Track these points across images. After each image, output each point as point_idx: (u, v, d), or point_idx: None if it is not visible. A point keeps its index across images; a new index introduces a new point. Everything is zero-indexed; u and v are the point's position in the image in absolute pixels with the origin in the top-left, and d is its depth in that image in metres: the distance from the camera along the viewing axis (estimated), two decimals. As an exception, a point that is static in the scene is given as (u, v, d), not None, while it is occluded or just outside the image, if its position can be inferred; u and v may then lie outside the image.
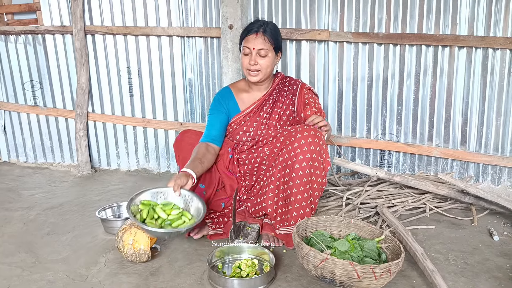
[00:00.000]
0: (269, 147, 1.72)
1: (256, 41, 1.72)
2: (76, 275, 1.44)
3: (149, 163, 2.87)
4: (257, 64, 1.73)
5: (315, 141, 1.57)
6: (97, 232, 1.81)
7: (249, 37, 1.74)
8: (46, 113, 2.95)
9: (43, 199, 2.29)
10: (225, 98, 1.87)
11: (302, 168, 1.57)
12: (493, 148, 2.32)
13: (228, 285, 1.31)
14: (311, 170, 1.58)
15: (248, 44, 1.73)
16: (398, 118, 2.44)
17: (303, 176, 1.57)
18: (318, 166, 1.59)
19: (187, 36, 2.60)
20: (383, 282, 1.28)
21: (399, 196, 2.10)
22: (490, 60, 2.22)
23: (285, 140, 1.63)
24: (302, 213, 1.60)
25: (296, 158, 1.57)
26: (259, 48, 1.72)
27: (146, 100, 2.77)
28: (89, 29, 2.70)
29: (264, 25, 1.74)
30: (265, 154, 1.74)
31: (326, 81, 2.49)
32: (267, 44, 1.72)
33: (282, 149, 1.63)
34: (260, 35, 1.72)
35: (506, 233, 1.83)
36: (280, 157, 1.63)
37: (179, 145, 1.80)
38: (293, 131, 1.62)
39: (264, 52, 1.72)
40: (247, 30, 1.77)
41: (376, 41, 2.33)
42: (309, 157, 1.56)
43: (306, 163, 1.56)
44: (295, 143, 1.58)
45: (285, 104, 1.82)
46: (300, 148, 1.57)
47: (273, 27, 1.78)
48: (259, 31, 1.72)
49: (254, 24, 1.76)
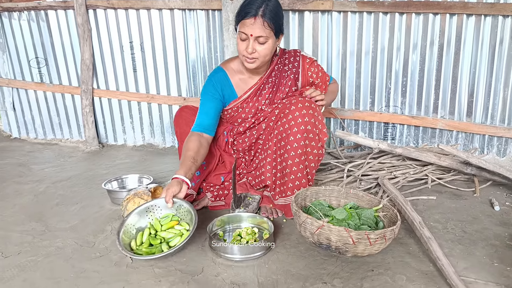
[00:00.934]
0: (266, 123, 1.72)
1: (254, 26, 1.50)
2: (84, 241, 1.51)
3: (155, 138, 2.91)
4: (255, 52, 1.55)
5: (309, 113, 1.54)
6: (104, 203, 1.87)
7: (246, 21, 1.50)
8: (52, 90, 2.99)
9: (52, 173, 2.36)
10: (220, 82, 1.71)
11: (297, 140, 1.56)
12: (500, 119, 2.28)
13: (228, 251, 1.36)
14: (306, 142, 1.57)
15: (244, 30, 1.52)
16: (403, 90, 2.40)
17: (298, 148, 1.57)
18: (313, 138, 1.58)
19: (188, 9, 2.56)
20: (378, 248, 1.31)
21: (401, 168, 2.10)
22: (500, 28, 2.14)
23: (280, 113, 1.62)
24: (298, 184, 1.62)
25: (291, 131, 1.56)
26: (257, 35, 1.51)
27: (149, 76, 2.78)
28: (90, 4, 2.68)
29: (265, 7, 1.50)
30: (261, 129, 1.75)
31: (329, 53, 2.45)
32: (266, 30, 1.51)
33: (277, 122, 1.62)
34: (259, 19, 1.49)
35: (508, 203, 1.83)
36: (275, 130, 1.63)
37: (177, 121, 1.81)
38: (287, 103, 1.59)
39: (263, 40, 1.52)
40: (244, 12, 1.51)
41: (381, 10, 2.26)
42: (303, 129, 1.54)
43: (300, 135, 1.55)
44: (289, 115, 1.56)
45: (287, 86, 1.71)
46: (294, 120, 1.55)
47: (274, 7, 1.53)
48: (257, 14, 1.49)
49: (252, 4, 1.50)
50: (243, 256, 1.35)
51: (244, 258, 1.35)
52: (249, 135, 1.79)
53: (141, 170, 2.38)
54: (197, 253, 1.41)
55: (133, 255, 1.33)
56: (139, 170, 2.38)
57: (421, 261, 1.35)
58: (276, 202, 1.69)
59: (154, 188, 1.69)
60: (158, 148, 2.87)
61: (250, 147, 1.80)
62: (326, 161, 2.28)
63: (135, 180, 2.04)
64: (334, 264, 1.33)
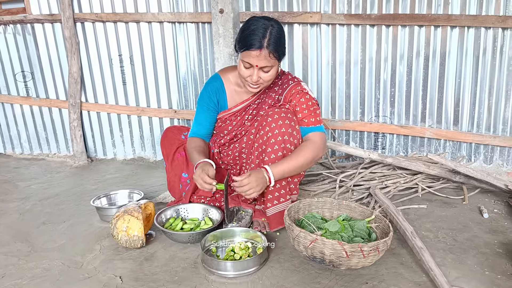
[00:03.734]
0: (247, 136, 1.74)
1: (260, 58, 1.47)
2: (72, 262, 1.46)
3: (145, 151, 2.89)
4: (260, 79, 1.55)
5: (285, 123, 1.53)
6: (93, 221, 1.83)
7: (251, 53, 1.47)
8: (39, 104, 2.94)
9: (39, 189, 2.31)
10: (216, 92, 1.73)
11: (274, 152, 1.54)
12: (485, 127, 2.33)
13: (221, 267, 1.34)
14: (284, 152, 1.55)
15: (250, 61, 1.49)
16: (391, 100, 2.44)
17: (275, 159, 1.54)
18: (290, 148, 1.56)
19: (178, 22, 2.57)
20: (372, 260, 1.31)
21: (392, 178, 2.12)
22: (482, 39, 2.21)
23: (258, 125, 1.61)
24: (277, 195, 1.59)
25: (268, 142, 1.54)
26: (263, 65, 1.50)
27: (139, 88, 2.77)
28: (78, 17, 2.67)
29: (269, 37, 1.46)
30: (243, 142, 1.76)
31: (319, 64, 2.48)
32: (272, 60, 1.49)
33: (256, 135, 1.62)
34: (264, 51, 1.46)
35: (496, 211, 1.86)
36: (256, 143, 1.62)
37: (163, 142, 1.89)
38: (265, 115, 1.58)
39: (268, 69, 1.52)
40: (249, 43, 1.47)
41: (368, 23, 2.31)
42: (280, 140, 1.53)
43: (278, 146, 1.54)
44: (266, 127, 1.55)
45: (268, 104, 1.69)
46: (271, 131, 1.53)
47: (278, 35, 1.49)
48: (263, 46, 1.45)
49: (255, 35, 1.46)
50: (237, 273, 1.33)
51: (237, 275, 1.34)
52: (232, 148, 1.80)
53: (132, 184, 2.34)
54: (190, 271, 1.38)
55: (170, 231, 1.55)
56: (130, 184, 2.34)
57: (414, 272, 1.36)
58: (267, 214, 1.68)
59: (145, 204, 1.67)
60: (149, 161, 2.84)
61: (235, 160, 1.81)
62: (318, 172, 2.29)
63: (125, 196, 2.01)
64: (329, 277, 1.32)
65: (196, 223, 1.69)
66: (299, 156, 1.54)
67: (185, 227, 1.65)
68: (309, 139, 1.60)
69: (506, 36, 2.17)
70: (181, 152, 1.85)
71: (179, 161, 1.85)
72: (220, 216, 1.67)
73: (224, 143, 1.82)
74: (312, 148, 1.56)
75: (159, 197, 2.05)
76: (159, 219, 1.68)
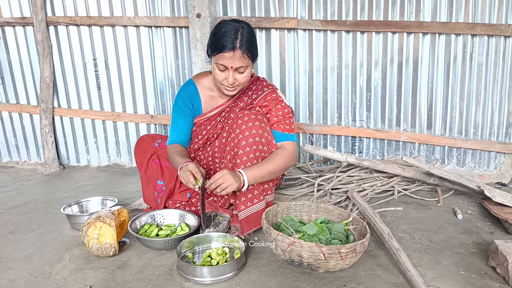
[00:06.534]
0: (219, 139, 1.72)
1: (234, 59, 1.48)
2: (39, 272, 1.39)
3: (121, 158, 2.81)
4: (236, 81, 1.55)
5: (256, 125, 1.51)
6: (63, 229, 1.75)
7: (224, 55, 1.48)
8: (9, 109, 2.82)
9: (6, 198, 2.20)
10: (189, 97, 1.71)
11: (246, 154, 1.52)
12: (457, 131, 2.41)
13: (197, 273, 1.30)
14: (256, 154, 1.53)
15: (224, 62, 1.50)
16: (367, 105, 2.48)
17: (247, 161, 1.52)
18: (262, 149, 1.54)
19: (155, 26, 2.54)
20: (350, 262, 1.30)
21: (369, 181, 2.14)
22: (453, 45, 2.29)
23: (229, 128, 1.60)
24: (250, 196, 1.56)
25: (240, 145, 1.52)
26: (237, 66, 1.51)
27: (115, 93, 2.70)
28: (51, 20, 2.59)
29: (241, 38, 1.48)
30: (215, 146, 1.74)
31: (296, 69, 2.50)
32: (246, 60, 1.51)
33: (228, 138, 1.60)
34: (238, 52, 1.48)
35: (469, 212, 1.90)
36: (227, 146, 1.60)
37: (136, 151, 1.86)
38: (235, 118, 1.57)
39: (243, 69, 1.53)
40: (221, 45, 1.48)
41: (344, 29, 2.35)
42: (251, 142, 1.51)
43: (249, 148, 1.52)
44: (237, 130, 1.53)
45: (239, 107, 1.68)
46: (242, 134, 1.51)
47: (249, 35, 1.52)
48: (235, 47, 1.47)
49: (227, 37, 1.47)
50: (214, 279, 1.30)
51: (214, 281, 1.30)
52: (204, 152, 1.79)
53: (106, 191, 2.27)
54: (165, 279, 1.34)
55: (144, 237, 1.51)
56: (104, 191, 2.26)
57: (391, 273, 1.36)
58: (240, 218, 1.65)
59: (119, 211, 1.61)
60: (124, 168, 2.77)
61: (208, 164, 1.79)
62: (296, 176, 2.29)
63: (98, 203, 1.93)
64: (307, 281, 1.31)
65: (172, 229, 1.65)
66: (273, 163, 1.54)
67: (161, 234, 1.60)
68: (283, 147, 1.62)
69: (475, 43, 2.26)
70: (155, 160, 1.82)
71: (153, 169, 1.81)
72: (197, 222, 1.63)
73: (198, 148, 1.80)
74: (286, 157, 1.59)
75: (134, 204, 1.99)
76: (134, 225, 1.62)
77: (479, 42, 2.25)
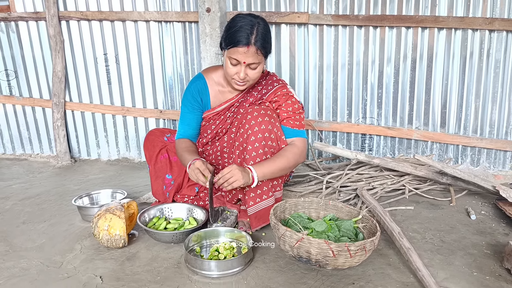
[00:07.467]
0: (227, 135, 1.71)
1: (248, 54, 1.47)
2: (51, 262, 1.41)
3: (130, 152, 2.83)
4: (247, 76, 1.54)
5: (265, 120, 1.50)
6: (74, 220, 1.77)
7: (238, 49, 1.46)
8: (22, 103, 2.86)
9: (20, 189, 2.23)
10: (199, 91, 1.70)
11: (255, 149, 1.51)
12: (472, 129, 2.35)
13: (205, 267, 1.30)
14: (265, 150, 1.51)
15: (237, 57, 1.48)
16: (378, 102, 2.44)
17: (257, 157, 1.51)
18: (271, 145, 1.53)
19: (165, 21, 2.54)
20: (359, 260, 1.28)
21: (379, 179, 2.11)
22: (470, 41, 2.23)
23: (238, 123, 1.59)
24: (259, 192, 1.55)
25: (249, 140, 1.51)
26: (250, 62, 1.49)
27: (124, 88, 2.71)
28: (63, 15, 2.62)
29: (256, 33, 1.46)
30: (223, 141, 1.73)
31: (306, 65, 2.47)
32: (259, 57, 1.50)
33: (237, 133, 1.59)
34: (252, 48, 1.46)
35: (483, 212, 1.86)
36: (236, 141, 1.59)
37: (146, 144, 1.86)
38: (244, 113, 1.56)
39: (255, 65, 1.52)
40: (236, 39, 1.46)
41: (356, 24, 2.31)
42: (261, 137, 1.50)
43: (258, 143, 1.50)
44: (246, 125, 1.52)
45: (249, 102, 1.67)
46: (251, 129, 1.50)
47: (264, 31, 1.49)
48: (250, 43, 1.45)
49: (243, 32, 1.45)
50: (221, 273, 1.30)
51: (221, 275, 1.30)
52: (213, 146, 1.77)
53: (116, 185, 2.28)
54: (173, 271, 1.34)
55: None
56: (113, 185, 2.28)
57: (401, 272, 1.34)
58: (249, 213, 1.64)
59: (128, 204, 1.62)
60: (133, 162, 2.78)
61: (217, 159, 1.78)
62: (305, 173, 2.27)
63: (108, 196, 1.95)
64: (315, 278, 1.29)
65: (180, 223, 1.65)
66: (283, 159, 1.53)
67: (169, 227, 1.61)
68: (293, 143, 1.60)
69: (493, 39, 2.19)
70: (164, 154, 1.82)
71: (162, 163, 1.82)
72: (205, 216, 1.63)
73: (207, 142, 1.79)
74: (295, 153, 1.57)
75: (143, 197, 2.00)
76: (142, 218, 1.63)
77: (497, 38, 2.18)
